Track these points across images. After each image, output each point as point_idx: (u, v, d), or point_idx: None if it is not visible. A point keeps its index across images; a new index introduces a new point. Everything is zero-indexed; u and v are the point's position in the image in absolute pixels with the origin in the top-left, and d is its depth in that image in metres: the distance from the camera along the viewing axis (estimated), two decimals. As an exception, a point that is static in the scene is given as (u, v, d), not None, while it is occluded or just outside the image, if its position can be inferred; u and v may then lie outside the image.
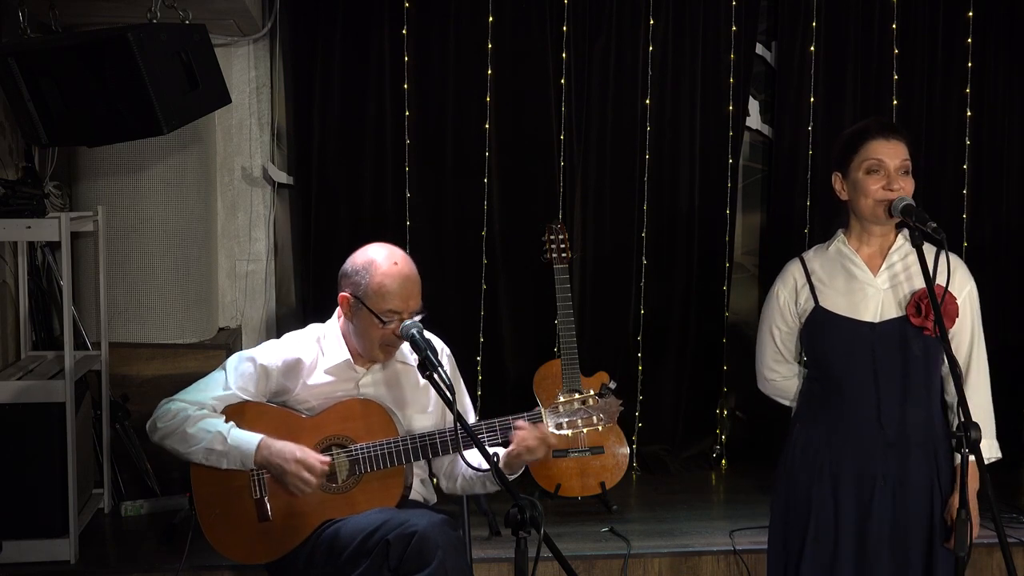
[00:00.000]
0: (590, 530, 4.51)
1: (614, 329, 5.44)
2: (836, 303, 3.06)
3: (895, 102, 5.46)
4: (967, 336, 3.07)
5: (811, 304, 3.09)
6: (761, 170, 5.67)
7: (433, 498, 3.31)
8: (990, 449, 3.02)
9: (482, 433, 3.03)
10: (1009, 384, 5.48)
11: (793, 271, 3.15)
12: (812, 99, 5.43)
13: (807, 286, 3.10)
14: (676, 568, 4.30)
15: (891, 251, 3.07)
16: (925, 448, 3.04)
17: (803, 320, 3.12)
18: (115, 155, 4.77)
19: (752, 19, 5.44)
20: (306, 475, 2.99)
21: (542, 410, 3.04)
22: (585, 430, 3.04)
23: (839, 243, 3.11)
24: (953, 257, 3.04)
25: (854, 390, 3.04)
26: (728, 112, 5.43)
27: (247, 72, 5.30)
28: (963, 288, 3.07)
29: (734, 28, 5.38)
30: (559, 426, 3.03)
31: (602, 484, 4.71)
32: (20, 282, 4.58)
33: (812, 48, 5.41)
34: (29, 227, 4.08)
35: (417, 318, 3.06)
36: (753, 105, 5.58)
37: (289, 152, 5.31)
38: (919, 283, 3.00)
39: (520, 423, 3.03)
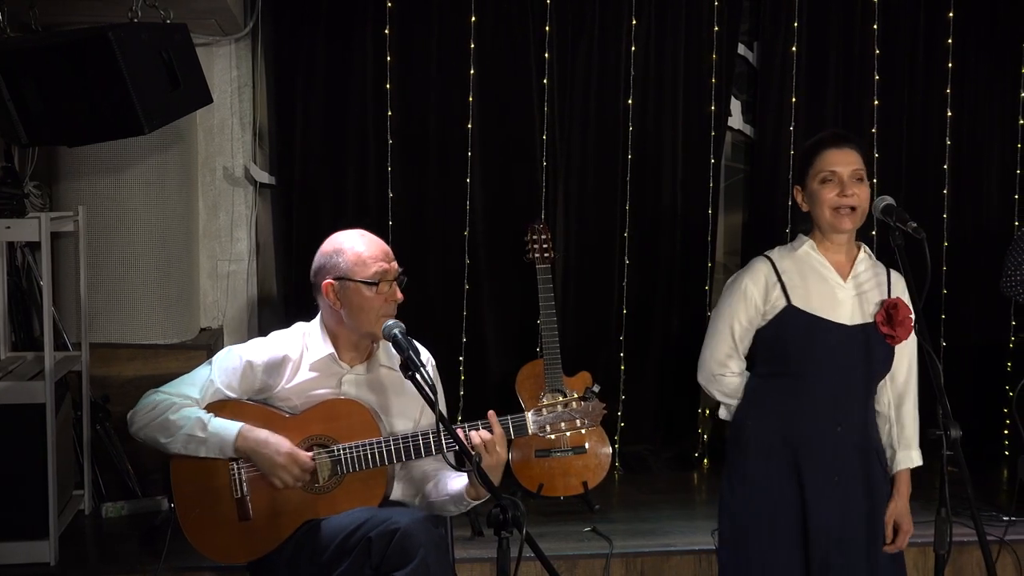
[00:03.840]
0: (572, 530, 4.51)
1: (597, 329, 5.45)
2: (808, 303, 3.13)
3: (876, 102, 5.48)
4: (912, 348, 3.19)
5: (782, 302, 3.14)
6: (743, 170, 5.70)
7: (415, 499, 3.30)
8: (916, 458, 3.19)
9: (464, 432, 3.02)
10: (990, 384, 5.53)
11: (763, 269, 3.19)
12: (794, 99, 5.45)
13: (778, 284, 3.16)
14: (658, 567, 4.30)
15: (856, 262, 3.17)
16: (869, 450, 3.17)
17: (768, 317, 3.17)
18: (96, 155, 4.75)
19: (734, 19, 5.45)
20: (296, 470, 2.99)
21: (526, 414, 3.03)
22: (568, 433, 3.05)
23: (808, 247, 3.19)
24: (896, 274, 3.17)
25: (815, 387, 3.12)
26: (710, 112, 5.44)
27: (229, 72, 5.29)
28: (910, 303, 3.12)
29: (716, 28, 5.39)
30: (542, 428, 3.03)
31: (584, 484, 4.71)
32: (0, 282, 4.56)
33: (794, 48, 5.43)
34: (9, 227, 4.06)
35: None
36: (735, 105, 5.60)
37: (271, 152, 5.30)
38: (881, 295, 3.13)
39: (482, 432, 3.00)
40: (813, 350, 3.12)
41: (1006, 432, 5.53)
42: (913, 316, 3.07)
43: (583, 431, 3.09)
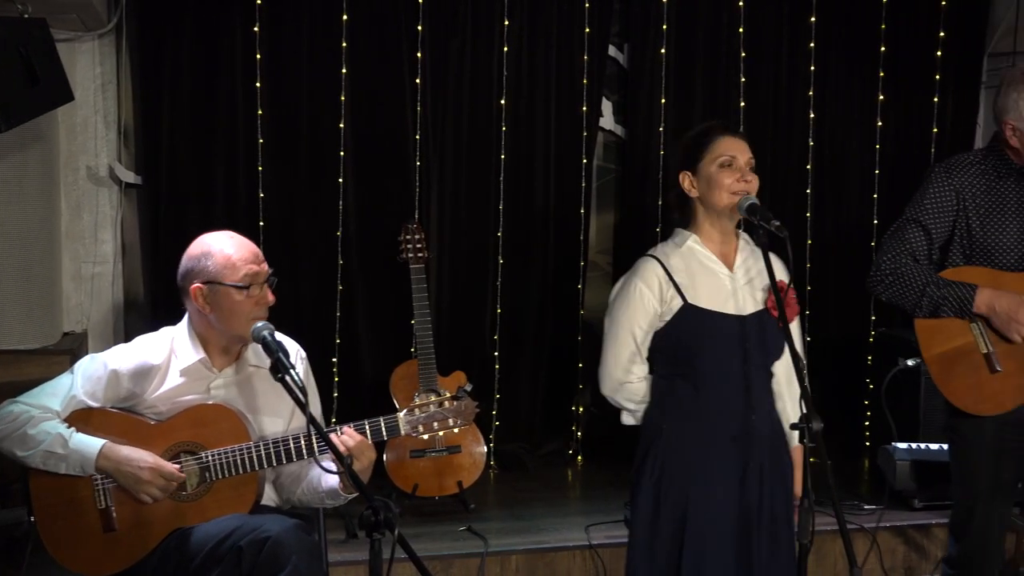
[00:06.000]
0: (448, 529, 4.52)
1: (471, 328, 5.46)
2: (703, 299, 3.11)
3: (742, 104, 5.62)
4: (795, 330, 3.17)
5: (678, 302, 3.10)
6: (614, 170, 5.77)
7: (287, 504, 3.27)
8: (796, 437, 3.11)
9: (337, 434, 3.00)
10: (851, 377, 5.72)
11: (653, 269, 3.13)
12: (663, 100, 5.54)
13: (671, 283, 3.11)
14: (533, 565, 4.34)
15: (738, 250, 3.18)
16: (778, 435, 3.17)
17: (666, 319, 3.12)
18: (-50, 153, 4.58)
19: (605, 21, 5.52)
20: (162, 482, 2.93)
21: (398, 414, 3.03)
22: (441, 432, 3.05)
23: (692, 242, 3.14)
24: (773, 255, 3.12)
25: (724, 383, 3.10)
26: (582, 112, 5.50)
27: (92, 68, 5.13)
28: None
29: (587, 29, 5.45)
30: (415, 428, 3.03)
31: (459, 483, 4.72)
32: None
33: (663, 51, 5.52)
34: None
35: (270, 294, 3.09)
36: (606, 106, 5.67)
37: (137, 151, 5.17)
38: (764, 280, 3.10)
39: (349, 432, 2.98)
40: (715, 346, 3.09)
41: (867, 424, 5.72)
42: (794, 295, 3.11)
43: (456, 430, 3.10)
